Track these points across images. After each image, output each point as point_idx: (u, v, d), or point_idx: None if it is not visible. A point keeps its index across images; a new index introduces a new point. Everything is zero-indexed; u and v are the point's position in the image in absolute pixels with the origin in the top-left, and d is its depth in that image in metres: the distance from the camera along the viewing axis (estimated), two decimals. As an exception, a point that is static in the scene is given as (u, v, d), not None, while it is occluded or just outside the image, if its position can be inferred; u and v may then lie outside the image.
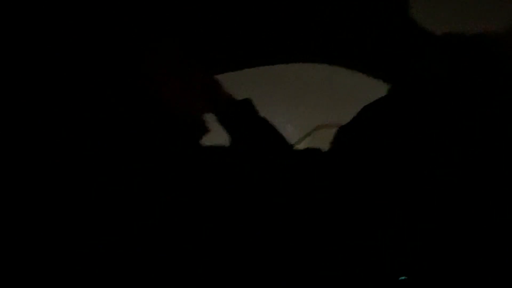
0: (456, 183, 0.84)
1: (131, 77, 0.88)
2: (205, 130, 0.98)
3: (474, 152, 0.86)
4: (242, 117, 1.00)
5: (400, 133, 0.89)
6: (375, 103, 0.95)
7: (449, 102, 0.89)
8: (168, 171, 0.83)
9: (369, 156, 0.88)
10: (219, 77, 1.04)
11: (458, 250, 0.82)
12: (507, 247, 0.81)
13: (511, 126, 0.86)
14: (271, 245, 0.83)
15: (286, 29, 1.31)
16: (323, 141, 1.00)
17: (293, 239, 0.84)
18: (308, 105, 1.69)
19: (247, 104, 1.01)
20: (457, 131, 0.87)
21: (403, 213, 0.84)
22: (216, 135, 1.00)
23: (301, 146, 1.63)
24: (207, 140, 0.97)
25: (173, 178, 0.83)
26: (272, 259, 0.82)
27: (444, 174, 0.85)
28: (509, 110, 0.87)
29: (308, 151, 0.97)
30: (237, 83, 1.07)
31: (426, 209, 0.84)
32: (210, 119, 1.00)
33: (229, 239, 0.82)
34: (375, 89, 1.09)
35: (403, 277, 0.83)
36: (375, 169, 0.87)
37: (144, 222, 0.80)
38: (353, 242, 0.83)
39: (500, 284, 0.81)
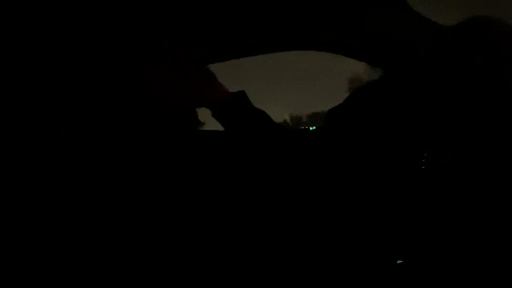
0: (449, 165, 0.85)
1: (128, 74, 0.88)
2: (200, 123, 0.98)
3: (467, 136, 0.86)
4: (236, 109, 1.00)
5: (390, 116, 0.89)
6: (366, 86, 0.96)
7: (442, 87, 0.89)
8: (165, 166, 0.83)
9: (358, 138, 0.89)
10: (213, 69, 1.04)
11: (455, 245, 0.83)
12: (506, 245, 0.81)
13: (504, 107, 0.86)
14: (270, 240, 0.83)
15: (279, 19, 1.32)
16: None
17: (292, 230, 0.84)
18: (303, 93, 1.70)
19: (241, 96, 1.01)
20: (451, 116, 0.87)
21: (391, 190, 0.85)
22: (212, 128, 1.00)
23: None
24: (203, 133, 0.97)
25: (170, 172, 0.83)
26: (272, 257, 0.82)
27: (436, 154, 0.85)
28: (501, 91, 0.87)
29: (300, 132, 0.98)
30: (231, 74, 1.08)
31: (415, 186, 0.84)
32: (205, 112, 1.00)
33: (228, 234, 0.82)
34: (372, 77, 1.09)
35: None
36: (363, 151, 0.87)
37: (143, 219, 0.80)
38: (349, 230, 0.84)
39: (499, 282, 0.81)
